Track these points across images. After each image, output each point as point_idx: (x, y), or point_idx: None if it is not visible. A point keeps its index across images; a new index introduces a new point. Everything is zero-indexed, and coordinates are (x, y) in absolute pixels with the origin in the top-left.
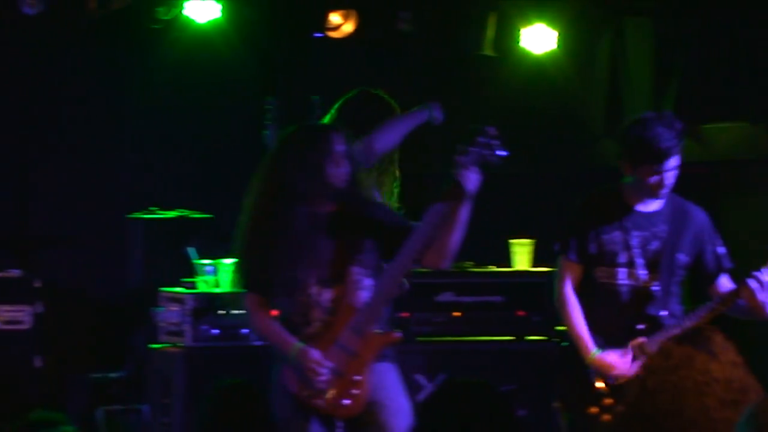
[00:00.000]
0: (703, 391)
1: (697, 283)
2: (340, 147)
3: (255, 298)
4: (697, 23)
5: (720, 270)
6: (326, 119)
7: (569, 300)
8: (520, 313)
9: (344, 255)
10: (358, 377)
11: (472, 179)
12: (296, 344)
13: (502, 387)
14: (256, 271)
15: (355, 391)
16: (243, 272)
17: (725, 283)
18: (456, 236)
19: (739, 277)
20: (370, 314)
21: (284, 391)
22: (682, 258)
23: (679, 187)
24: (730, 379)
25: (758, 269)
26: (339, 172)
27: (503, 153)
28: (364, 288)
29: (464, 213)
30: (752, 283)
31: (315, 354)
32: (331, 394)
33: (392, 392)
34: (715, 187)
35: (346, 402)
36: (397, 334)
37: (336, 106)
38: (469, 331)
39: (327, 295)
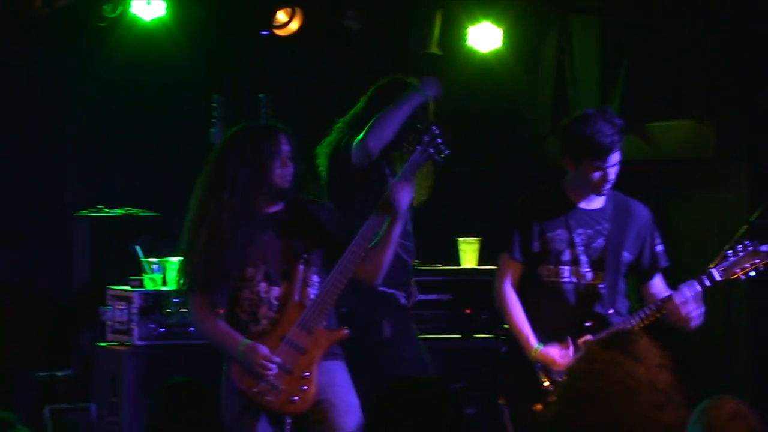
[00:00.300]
0: (632, 395)
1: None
2: (285, 147)
3: (199, 298)
4: (643, 22)
5: (656, 269)
6: (359, 105)
7: (509, 297)
8: (468, 310)
9: (291, 253)
10: (306, 374)
11: (404, 197)
12: (244, 341)
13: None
14: (201, 271)
15: (303, 388)
16: (187, 272)
17: (658, 283)
18: (387, 254)
19: (681, 276)
20: (317, 311)
21: (232, 389)
22: (627, 255)
23: (625, 185)
24: (655, 382)
25: (686, 281)
26: (284, 173)
27: (447, 152)
28: (312, 285)
29: (395, 232)
30: (677, 297)
31: (263, 349)
32: (279, 390)
33: (341, 391)
34: (661, 186)
35: (295, 399)
36: (345, 331)
37: (368, 92)
38: (416, 329)
39: (275, 293)
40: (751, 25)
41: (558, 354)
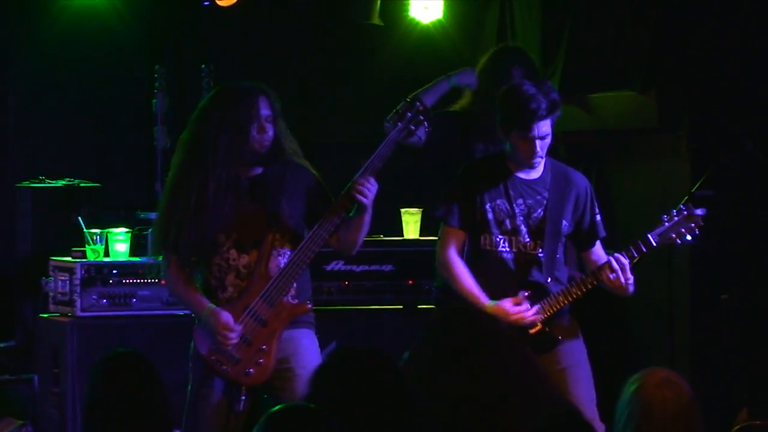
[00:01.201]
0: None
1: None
2: (265, 111)
3: (173, 259)
4: None
5: (594, 237)
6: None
7: (455, 262)
8: (410, 281)
9: (263, 220)
10: (263, 347)
11: (367, 192)
12: (209, 306)
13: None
14: (177, 232)
15: (260, 361)
16: (164, 231)
17: (598, 250)
18: (361, 232)
19: (622, 246)
20: (280, 285)
21: (196, 353)
22: (565, 224)
23: (567, 156)
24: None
25: (621, 251)
26: (263, 137)
27: (429, 129)
28: (282, 255)
29: (366, 219)
30: (613, 264)
31: (225, 317)
32: (236, 360)
33: (305, 359)
34: (602, 156)
35: (250, 371)
36: (309, 305)
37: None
38: (359, 300)
39: (243, 260)
40: None
41: (511, 306)
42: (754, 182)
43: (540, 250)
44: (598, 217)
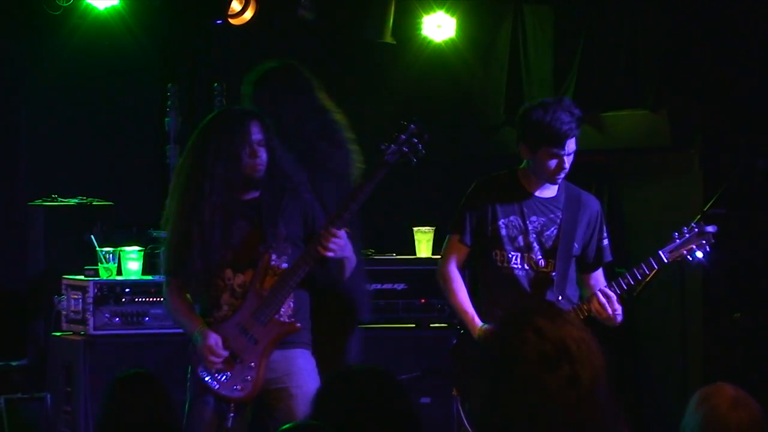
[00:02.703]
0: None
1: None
2: (257, 136)
3: (172, 281)
4: (597, 11)
5: (600, 262)
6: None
7: (454, 278)
8: (423, 300)
9: (259, 241)
10: (253, 363)
11: (337, 247)
12: (199, 327)
13: (404, 374)
14: (176, 256)
15: (247, 377)
16: (165, 255)
17: (598, 275)
18: (344, 271)
19: (632, 263)
20: (270, 303)
21: (193, 372)
22: (576, 245)
23: (579, 175)
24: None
25: (633, 268)
26: (255, 162)
27: (423, 152)
28: (277, 275)
29: (343, 260)
30: (600, 297)
31: (212, 339)
32: (226, 378)
33: (300, 379)
34: (615, 175)
35: (236, 387)
36: (298, 325)
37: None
38: (372, 318)
39: (239, 280)
40: (704, 14)
41: None
42: (766, 201)
43: (552, 270)
44: (606, 242)
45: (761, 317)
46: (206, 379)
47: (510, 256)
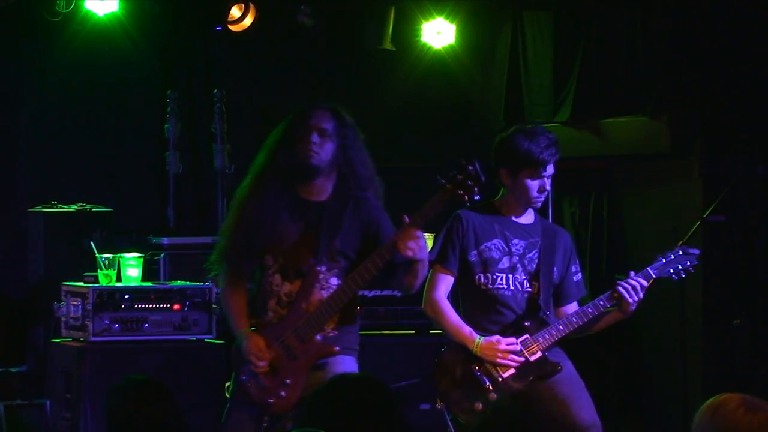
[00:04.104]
0: None
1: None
2: (318, 122)
3: (226, 267)
4: (596, 18)
5: (576, 295)
6: None
7: (443, 304)
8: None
9: (312, 252)
10: (288, 380)
11: (417, 247)
12: (245, 328)
13: (403, 381)
14: (228, 241)
15: (281, 393)
16: (221, 240)
17: (574, 308)
18: (417, 278)
19: (631, 269)
20: (313, 323)
21: (236, 375)
22: (556, 271)
23: (579, 181)
24: None
25: (624, 278)
26: (307, 147)
27: (477, 197)
28: (326, 290)
29: (419, 265)
30: (621, 289)
31: (257, 342)
32: (261, 386)
33: None
34: (614, 181)
35: (270, 401)
36: (336, 348)
37: None
38: (371, 325)
39: (286, 288)
40: (704, 20)
41: (500, 338)
42: (766, 207)
43: (537, 292)
44: (580, 276)
45: (760, 324)
46: (243, 378)
47: (496, 276)
